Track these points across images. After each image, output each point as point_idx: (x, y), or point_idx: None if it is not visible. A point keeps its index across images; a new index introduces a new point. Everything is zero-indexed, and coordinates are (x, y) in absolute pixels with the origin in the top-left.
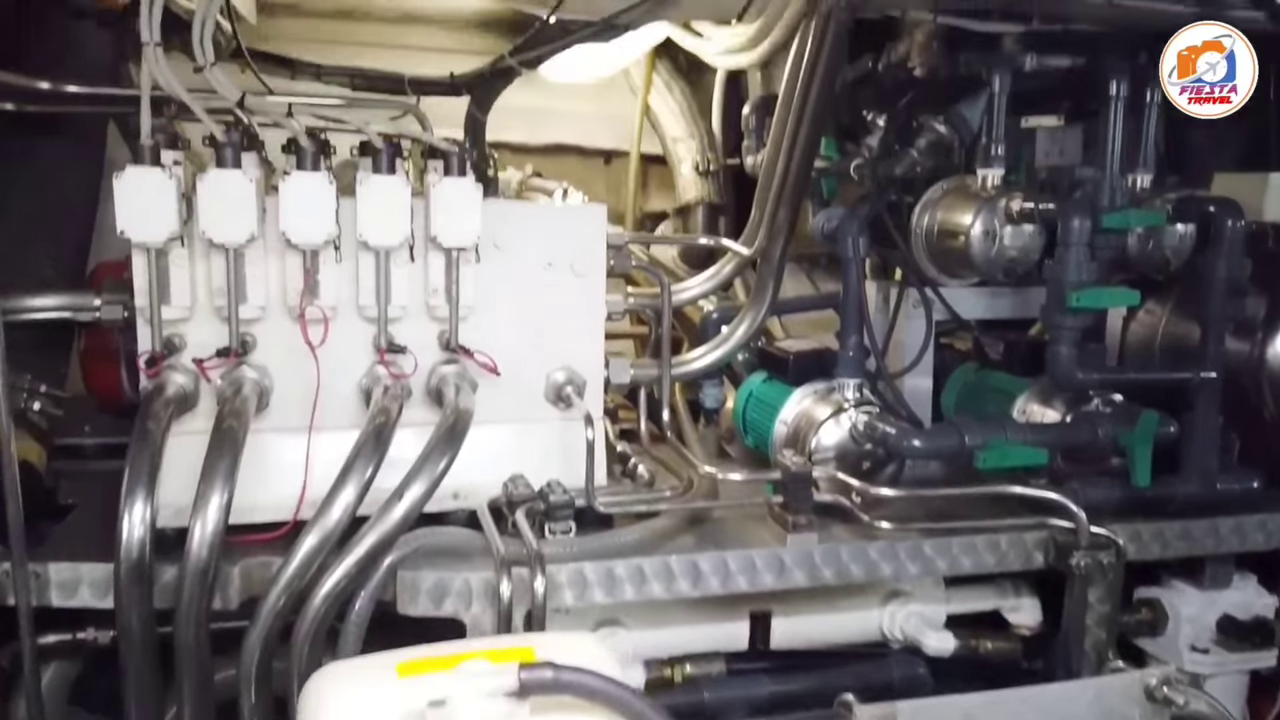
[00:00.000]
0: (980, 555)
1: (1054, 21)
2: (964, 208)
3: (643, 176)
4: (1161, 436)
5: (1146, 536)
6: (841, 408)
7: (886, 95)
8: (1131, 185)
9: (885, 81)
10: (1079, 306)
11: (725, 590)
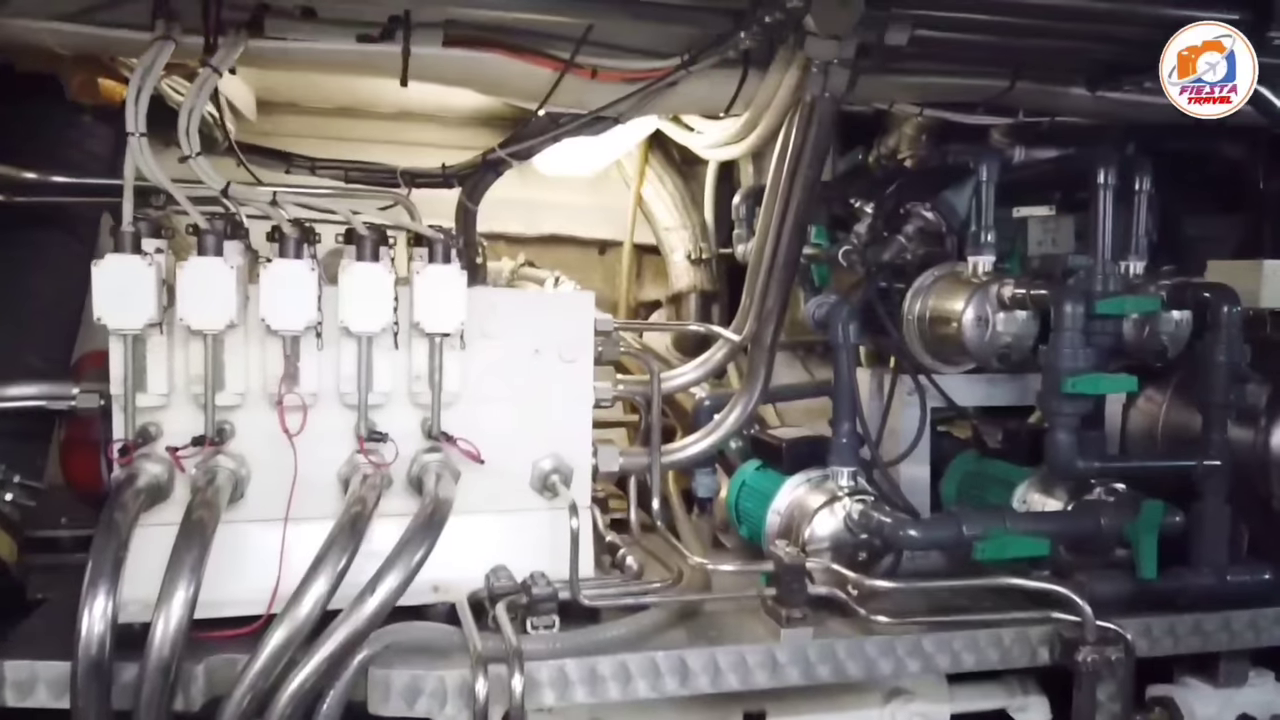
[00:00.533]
0: (983, 651)
1: (1041, 114)
2: (956, 294)
3: (637, 266)
4: (1167, 527)
5: (1157, 631)
6: (835, 496)
7: (876, 185)
8: (1125, 272)
9: (876, 172)
10: (1075, 392)
11: (715, 689)
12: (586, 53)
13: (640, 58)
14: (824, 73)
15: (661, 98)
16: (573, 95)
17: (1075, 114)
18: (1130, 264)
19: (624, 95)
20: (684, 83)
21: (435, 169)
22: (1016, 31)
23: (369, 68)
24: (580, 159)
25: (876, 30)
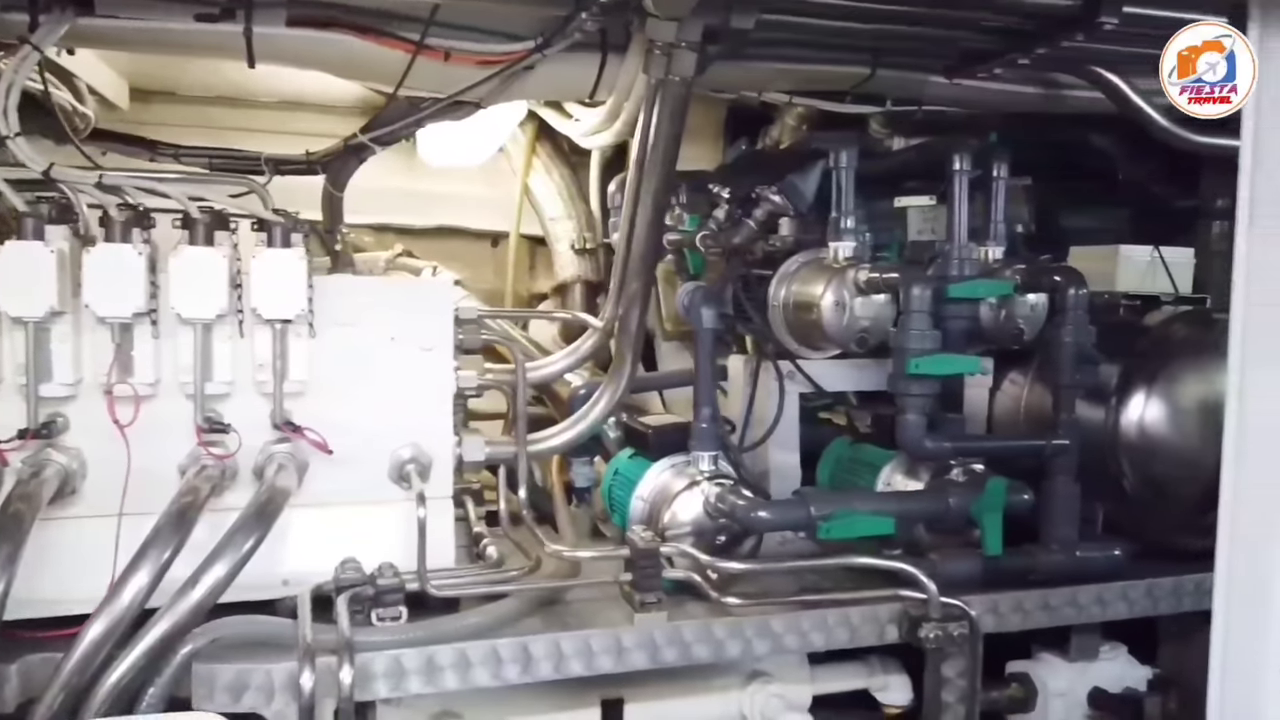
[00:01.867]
0: (832, 631)
1: (905, 102)
2: (817, 280)
3: (531, 258)
4: (1016, 505)
5: (1004, 608)
6: (695, 481)
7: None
8: (984, 258)
9: None
10: (919, 373)
11: (559, 675)
12: (439, 35)
13: (494, 40)
14: (667, 55)
15: (522, 82)
16: (431, 79)
17: (936, 102)
18: (989, 250)
19: (482, 79)
20: (543, 67)
21: (299, 155)
22: (869, 17)
23: (212, 49)
24: (464, 148)
25: (720, 14)
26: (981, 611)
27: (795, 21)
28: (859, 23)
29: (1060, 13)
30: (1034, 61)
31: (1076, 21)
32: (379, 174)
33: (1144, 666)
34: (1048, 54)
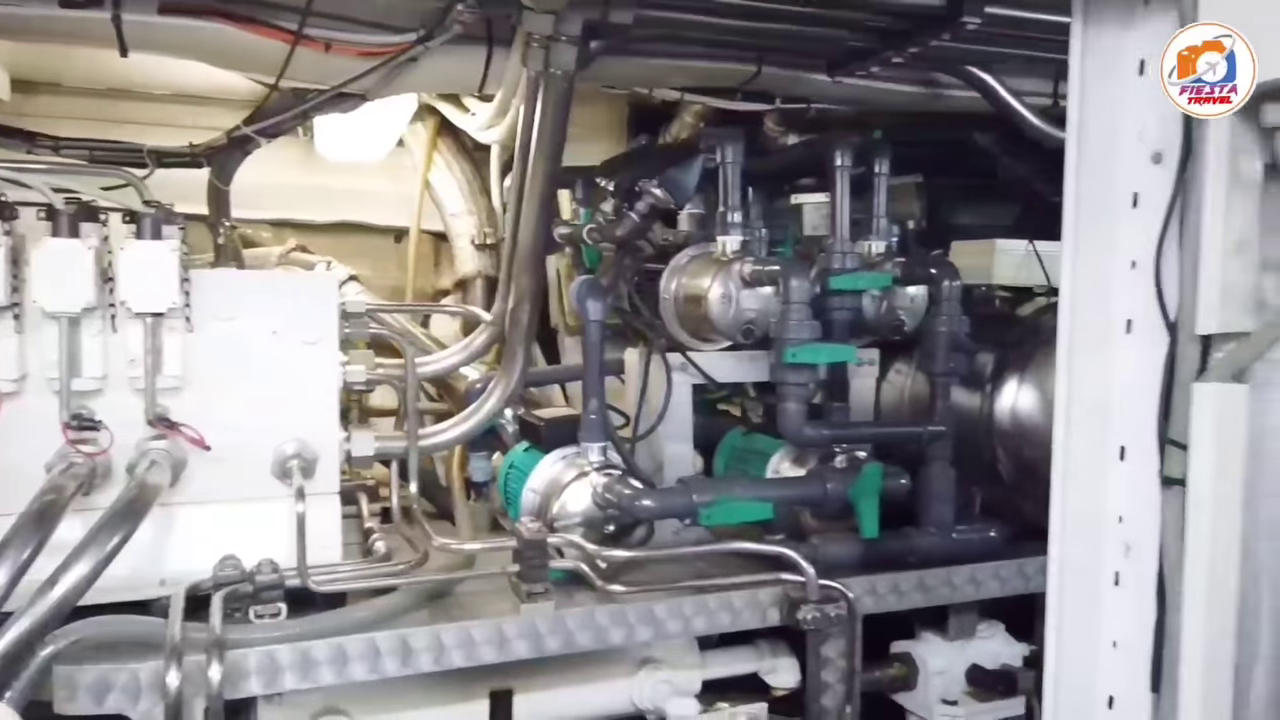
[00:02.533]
0: (714, 615)
1: (793, 100)
2: (705, 273)
3: (435, 253)
4: (893, 489)
5: (882, 588)
6: (584, 472)
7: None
8: (868, 252)
9: None
10: (795, 362)
11: (439, 666)
12: (318, 25)
13: (375, 31)
14: (545, 48)
15: (409, 74)
16: (313, 70)
17: (822, 100)
18: (871, 244)
19: (365, 71)
20: (428, 60)
21: (182, 148)
22: (751, 15)
23: (82, 37)
24: (362, 143)
25: (599, 8)
26: (860, 593)
27: (678, 18)
28: (741, 20)
29: (926, 12)
30: (909, 60)
31: (942, 21)
32: (277, 169)
33: (1020, 643)
34: (920, 53)
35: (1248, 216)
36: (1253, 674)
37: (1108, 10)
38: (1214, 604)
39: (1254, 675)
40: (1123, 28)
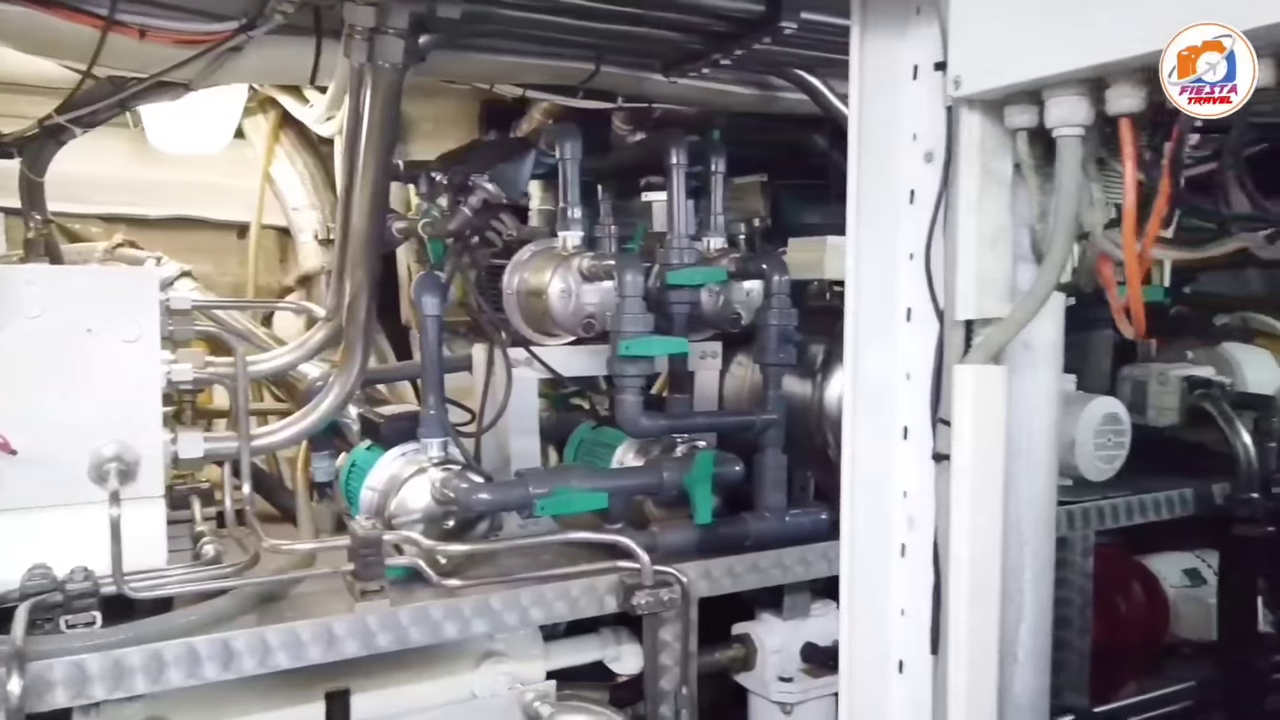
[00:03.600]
0: (551, 605)
1: (634, 99)
2: (545, 268)
3: (281, 249)
4: (727, 476)
5: (716, 572)
6: (423, 468)
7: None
8: (707, 248)
9: None
10: (628, 355)
11: (265, 669)
12: (132, 11)
13: (194, 19)
14: (369, 40)
15: (235, 64)
16: (131, 58)
17: (661, 100)
18: (709, 240)
19: (186, 59)
20: (255, 49)
21: None
22: (584, 14)
23: None
24: (195, 134)
25: (425, 2)
26: (695, 577)
27: (510, 15)
28: (574, 19)
29: (747, 16)
30: (736, 62)
31: (763, 25)
32: (107, 161)
33: None
34: (746, 56)
35: (1000, 211)
36: (1018, 632)
37: (884, 18)
38: (978, 569)
39: (1019, 633)
40: (898, 36)
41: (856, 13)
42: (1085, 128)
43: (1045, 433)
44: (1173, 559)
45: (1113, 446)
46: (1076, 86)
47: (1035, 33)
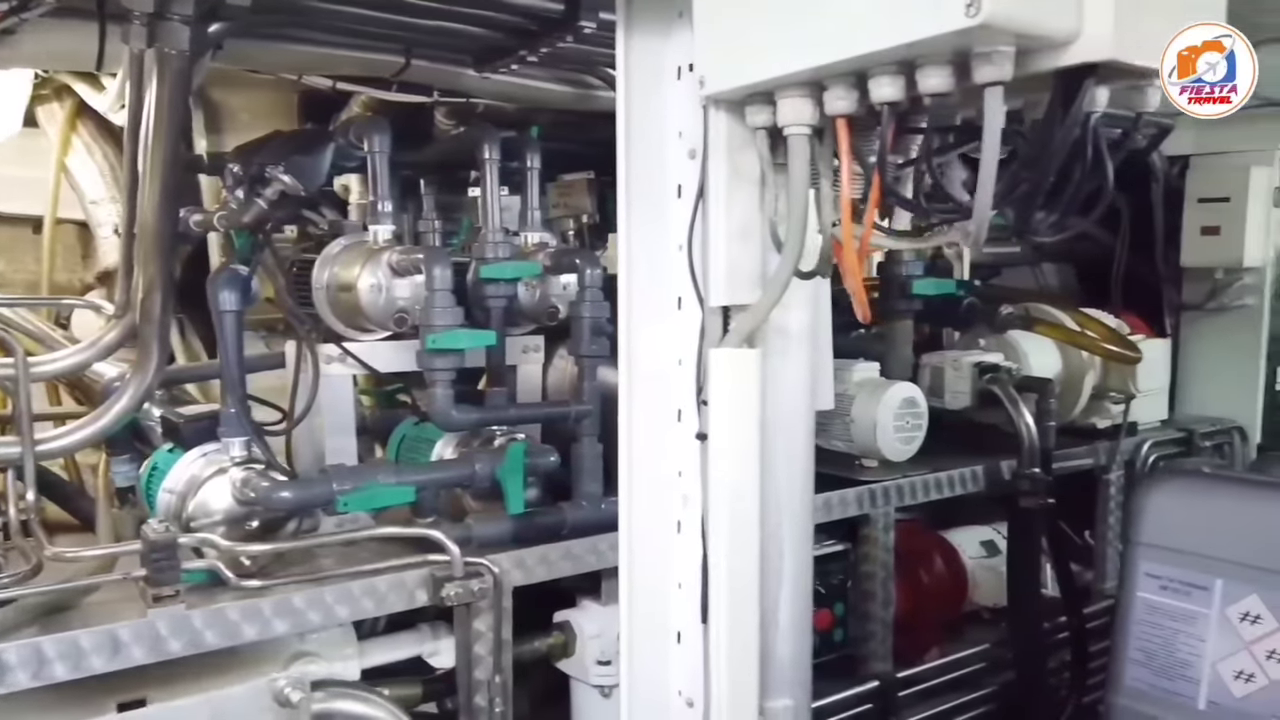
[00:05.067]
0: (358, 601)
1: (450, 93)
2: (355, 262)
3: (83, 245)
4: (543, 466)
5: (531, 561)
6: (224, 469)
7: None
8: (524, 242)
9: None
10: (435, 348)
11: (41, 682)
12: None
13: None
14: (148, 26)
15: (9, 48)
16: None
17: (476, 95)
18: (527, 235)
19: None
20: (32, 33)
21: None
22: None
23: None
24: None
25: None
26: (508, 567)
27: (309, 5)
28: (377, 11)
29: (549, 14)
30: (547, 59)
31: (564, 23)
32: None
33: None
34: (553, 53)
35: (749, 205)
36: (779, 599)
37: (648, 21)
38: (736, 539)
39: (780, 599)
40: (663, 37)
41: (622, 14)
42: (812, 127)
43: (802, 410)
44: (972, 532)
45: (911, 429)
46: (801, 89)
47: (764, 37)
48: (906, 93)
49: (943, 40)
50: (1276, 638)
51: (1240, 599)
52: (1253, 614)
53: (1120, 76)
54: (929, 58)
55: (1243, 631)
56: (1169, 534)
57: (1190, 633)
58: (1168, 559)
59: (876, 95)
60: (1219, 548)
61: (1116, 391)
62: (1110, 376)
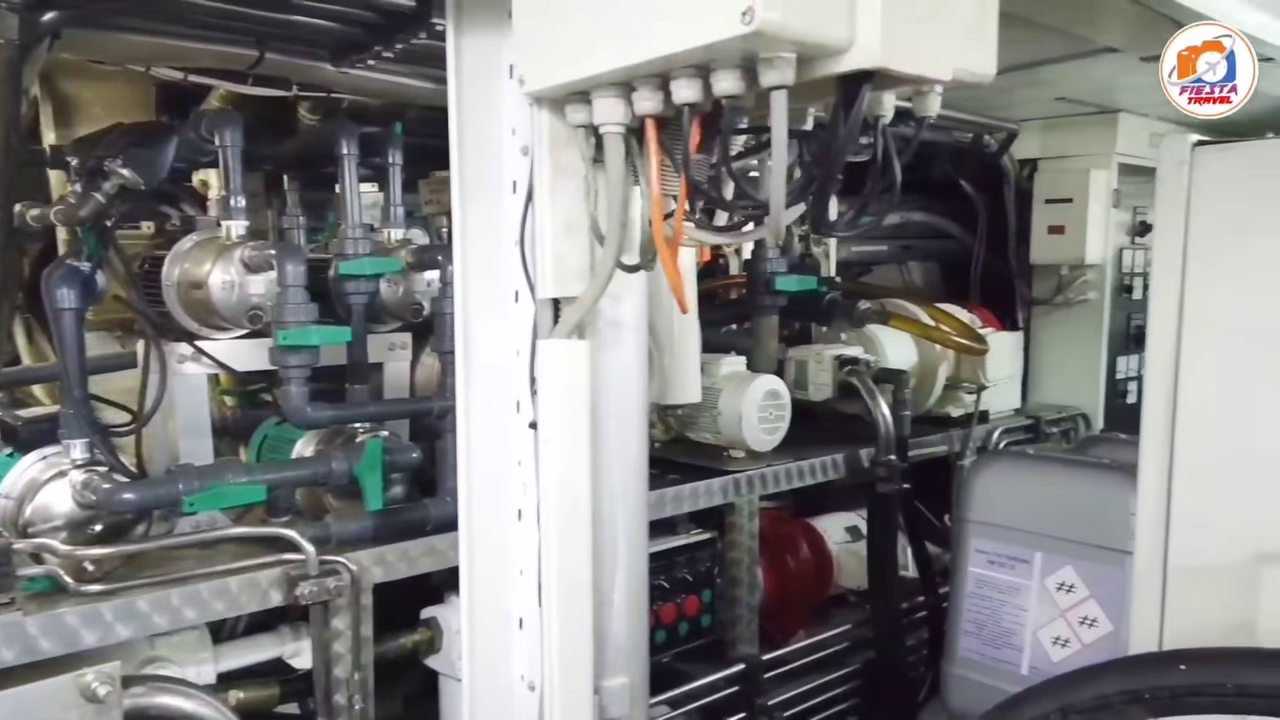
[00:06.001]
0: (207, 603)
1: (308, 88)
2: (206, 259)
3: None
4: (409, 463)
5: (391, 557)
6: (64, 471)
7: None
8: (387, 238)
9: None
10: (287, 345)
11: None
12: None
13: None
14: None
15: None
16: None
17: (340, 89)
18: (389, 231)
19: None
20: None
21: None
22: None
23: None
24: None
25: None
26: (368, 564)
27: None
28: (223, 4)
29: (401, 10)
30: (403, 55)
31: (417, 20)
32: None
33: None
34: (409, 50)
35: (574, 200)
36: (615, 581)
37: (480, 19)
38: (567, 525)
39: (615, 581)
40: (496, 35)
41: (451, 13)
42: (627, 126)
43: (635, 397)
44: (837, 518)
45: (775, 420)
46: (613, 89)
47: (574, 39)
48: (705, 95)
49: (725, 46)
50: (1088, 604)
51: (1057, 570)
52: (1068, 584)
53: (897, 84)
54: (720, 62)
55: (1059, 600)
56: (994, 512)
57: (1014, 603)
58: (993, 535)
59: (677, 96)
60: (1038, 523)
61: (969, 382)
62: (962, 368)
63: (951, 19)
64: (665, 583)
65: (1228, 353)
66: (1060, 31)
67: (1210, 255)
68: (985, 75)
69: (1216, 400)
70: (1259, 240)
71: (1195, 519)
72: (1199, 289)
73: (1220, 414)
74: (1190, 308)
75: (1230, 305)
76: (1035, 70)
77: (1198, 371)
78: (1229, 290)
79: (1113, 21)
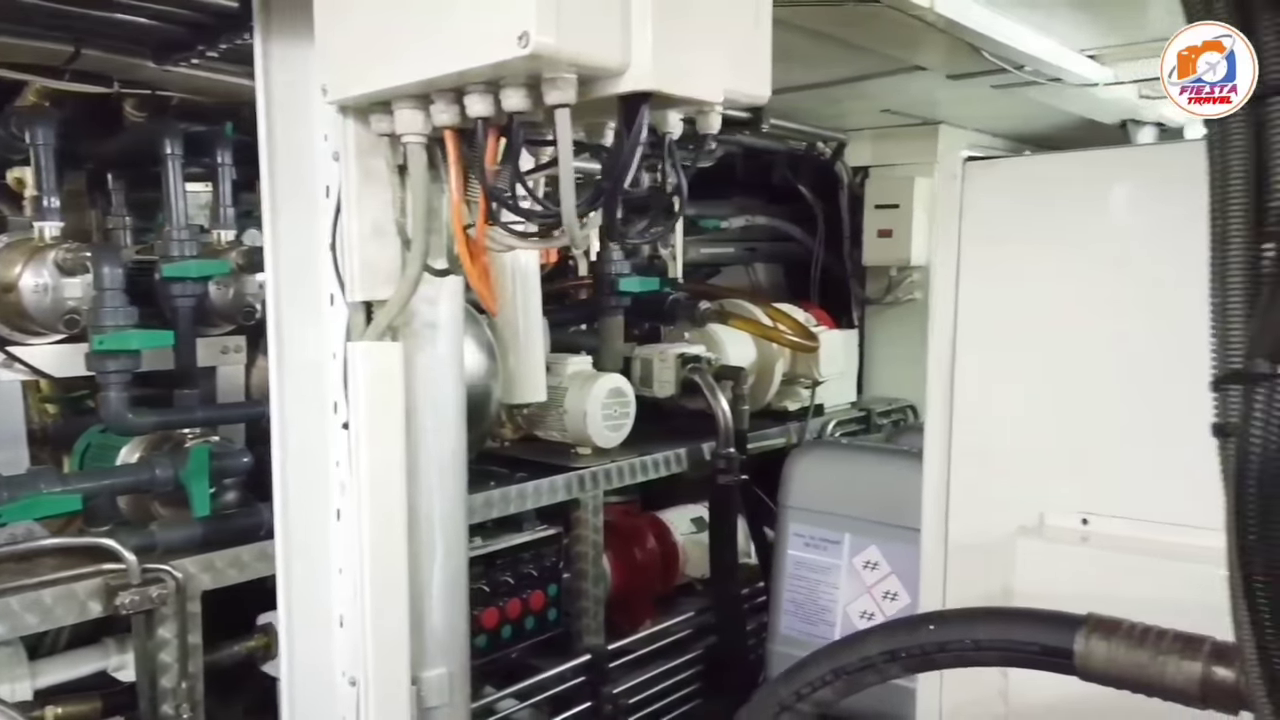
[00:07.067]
0: (20, 617)
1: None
2: (17, 260)
3: None
4: (239, 469)
5: (221, 564)
6: None
7: None
8: (217, 240)
9: None
10: (103, 349)
11: None
12: None
13: None
14: None
15: None
16: None
17: (166, 87)
18: (219, 233)
19: None
20: None
21: None
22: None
23: None
24: None
25: None
26: (195, 571)
27: None
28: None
29: (225, 10)
30: (227, 55)
31: (240, 20)
32: None
33: None
34: (234, 49)
35: (381, 205)
36: (433, 571)
37: (290, 26)
38: (379, 521)
39: (434, 574)
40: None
41: (259, 20)
42: (428, 136)
43: (451, 396)
44: (684, 511)
45: (619, 417)
46: (411, 101)
47: (374, 51)
48: (497, 110)
49: (510, 65)
50: (890, 580)
51: (863, 550)
52: (872, 562)
53: (674, 104)
54: (508, 80)
55: (865, 577)
56: (809, 498)
57: (827, 582)
58: (809, 519)
59: (471, 111)
60: (847, 506)
61: (804, 377)
62: (798, 364)
63: (722, 44)
64: (510, 579)
65: (990, 354)
66: (874, 51)
67: (976, 263)
68: (758, 96)
69: (982, 395)
70: (1015, 248)
71: (969, 499)
72: (968, 292)
73: (986, 408)
74: (963, 310)
75: (992, 309)
76: (858, 84)
77: (969, 369)
78: (991, 294)
79: (919, 44)
